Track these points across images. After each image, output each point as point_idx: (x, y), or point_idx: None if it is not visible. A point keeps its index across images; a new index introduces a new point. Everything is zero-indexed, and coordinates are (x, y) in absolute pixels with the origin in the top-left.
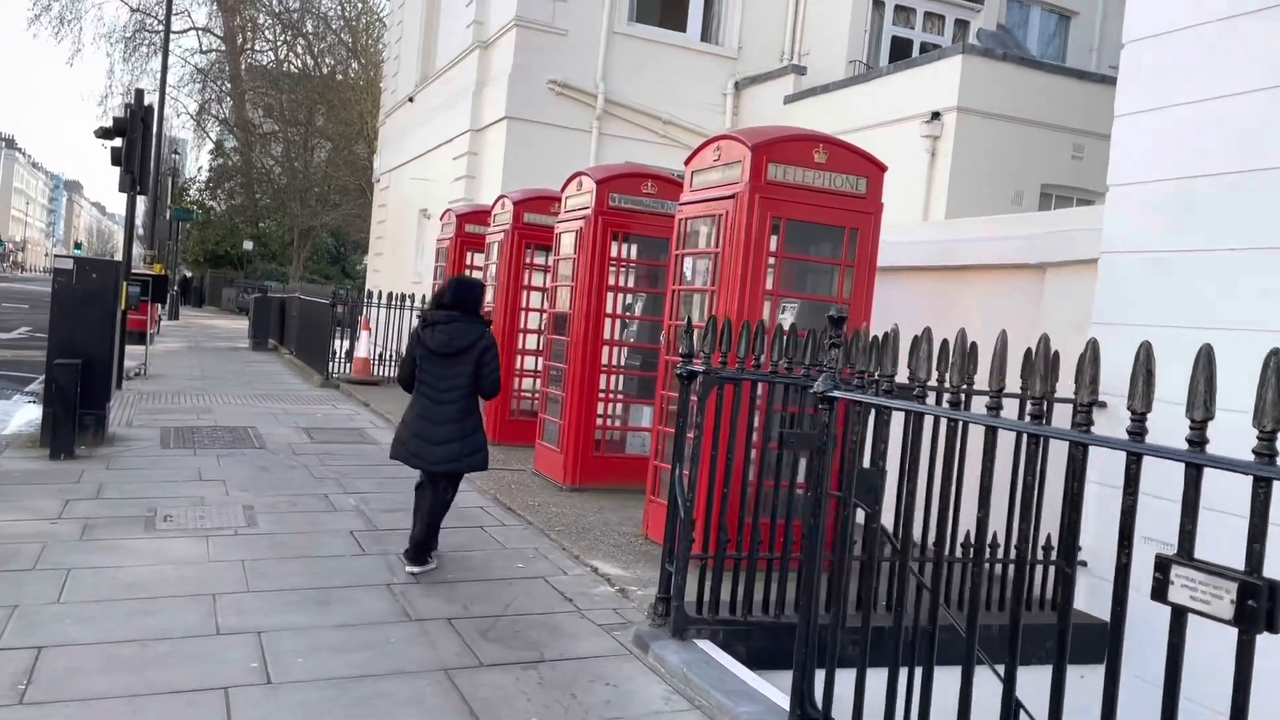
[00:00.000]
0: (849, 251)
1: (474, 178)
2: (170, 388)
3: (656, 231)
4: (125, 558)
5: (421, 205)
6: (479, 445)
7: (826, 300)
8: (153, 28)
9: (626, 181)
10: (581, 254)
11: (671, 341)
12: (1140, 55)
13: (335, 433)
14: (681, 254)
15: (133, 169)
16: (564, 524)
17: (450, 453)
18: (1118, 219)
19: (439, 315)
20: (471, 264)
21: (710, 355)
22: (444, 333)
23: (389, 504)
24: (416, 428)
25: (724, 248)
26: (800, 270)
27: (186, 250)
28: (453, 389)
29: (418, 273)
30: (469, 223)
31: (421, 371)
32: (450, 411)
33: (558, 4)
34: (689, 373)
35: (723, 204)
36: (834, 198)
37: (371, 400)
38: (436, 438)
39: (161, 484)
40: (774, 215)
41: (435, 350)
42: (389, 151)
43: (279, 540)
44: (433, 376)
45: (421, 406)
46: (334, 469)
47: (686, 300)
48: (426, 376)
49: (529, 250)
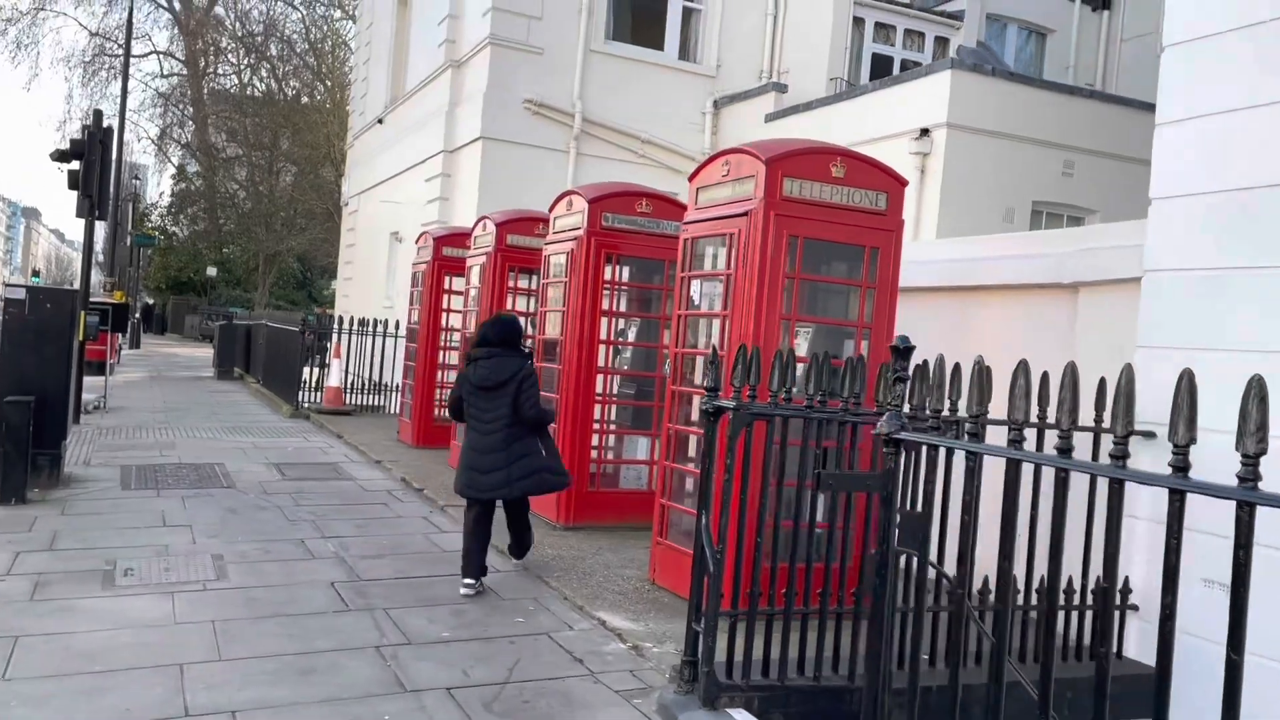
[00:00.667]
0: (869, 272)
1: (448, 200)
2: (131, 421)
3: (651, 253)
4: (81, 621)
5: (393, 228)
6: (529, 469)
7: (846, 324)
8: (112, 52)
9: (620, 200)
10: (573, 277)
11: (679, 370)
12: (1183, 59)
13: (308, 468)
14: (688, 276)
15: (91, 193)
16: (562, 568)
17: (497, 480)
18: (1162, 235)
19: (480, 352)
20: (450, 288)
21: (740, 389)
22: (485, 368)
23: (370, 549)
24: (468, 459)
25: (737, 269)
26: (811, 292)
27: (148, 277)
28: (495, 420)
29: (389, 297)
30: (447, 245)
31: (469, 406)
32: (495, 441)
33: (533, 22)
34: (716, 409)
35: (734, 222)
36: (853, 214)
37: (345, 432)
38: (484, 466)
39: (122, 531)
40: (790, 233)
41: (478, 385)
42: (358, 174)
43: (252, 595)
44: (478, 410)
45: (471, 439)
46: (309, 509)
47: (693, 326)
48: (473, 410)
49: (512, 273)
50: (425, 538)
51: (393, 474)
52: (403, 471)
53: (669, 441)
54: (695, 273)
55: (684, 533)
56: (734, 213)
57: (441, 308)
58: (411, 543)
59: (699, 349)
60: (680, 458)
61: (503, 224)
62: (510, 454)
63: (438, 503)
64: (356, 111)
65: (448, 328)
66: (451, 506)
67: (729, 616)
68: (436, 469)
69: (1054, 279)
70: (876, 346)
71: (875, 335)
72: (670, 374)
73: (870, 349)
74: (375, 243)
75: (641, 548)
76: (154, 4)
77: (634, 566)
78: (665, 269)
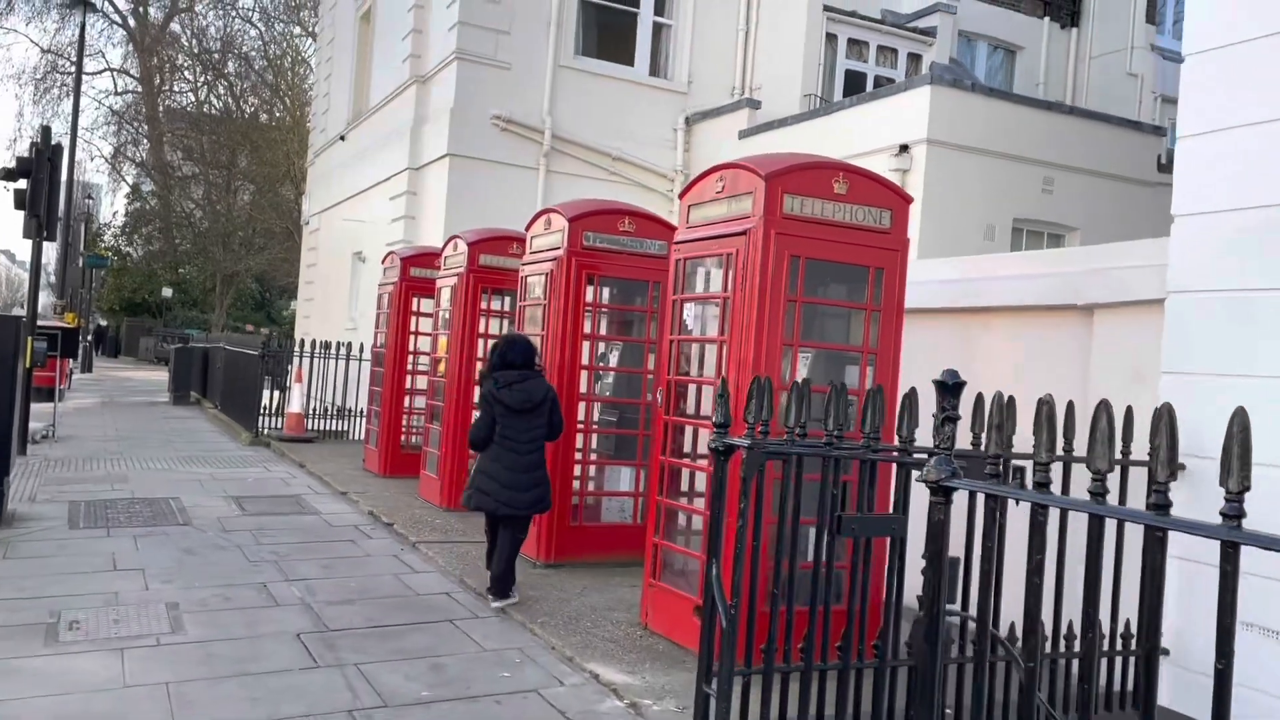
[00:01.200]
0: (874, 294)
1: (413, 218)
2: (82, 452)
3: (635, 274)
4: (20, 685)
5: (356, 248)
6: (548, 488)
7: (849, 350)
8: (64, 69)
9: (602, 219)
10: (553, 299)
11: (672, 399)
12: (1207, 68)
13: (270, 501)
14: (681, 299)
15: (39, 213)
16: (546, 612)
17: (534, 498)
18: (1186, 254)
19: (512, 375)
20: (418, 310)
21: (754, 425)
22: (521, 391)
23: (339, 593)
24: (506, 479)
25: (735, 291)
26: (808, 315)
27: (101, 298)
28: (532, 440)
29: (353, 319)
30: (414, 266)
31: (502, 427)
32: (532, 460)
33: (500, 36)
34: (728, 446)
35: (732, 242)
36: (856, 233)
37: (307, 460)
38: (523, 485)
39: (68, 577)
40: (792, 253)
41: (514, 407)
42: (319, 192)
43: (211, 651)
44: (514, 430)
45: (508, 459)
46: (271, 548)
47: (686, 351)
48: (508, 431)
49: (485, 295)
50: (397, 579)
51: (360, 507)
52: (370, 504)
53: (661, 475)
54: (689, 295)
55: (679, 573)
56: (731, 231)
57: (409, 330)
58: (382, 585)
59: (691, 376)
60: (673, 493)
61: (475, 243)
62: (542, 472)
63: (409, 539)
64: (317, 128)
65: (416, 351)
66: (424, 543)
67: (742, 674)
68: (405, 501)
69: (1066, 300)
70: (882, 373)
71: (881, 361)
72: (662, 403)
73: (875, 375)
74: (337, 263)
75: (628, 587)
76: (108, 20)
77: (623, 609)
78: (649, 290)
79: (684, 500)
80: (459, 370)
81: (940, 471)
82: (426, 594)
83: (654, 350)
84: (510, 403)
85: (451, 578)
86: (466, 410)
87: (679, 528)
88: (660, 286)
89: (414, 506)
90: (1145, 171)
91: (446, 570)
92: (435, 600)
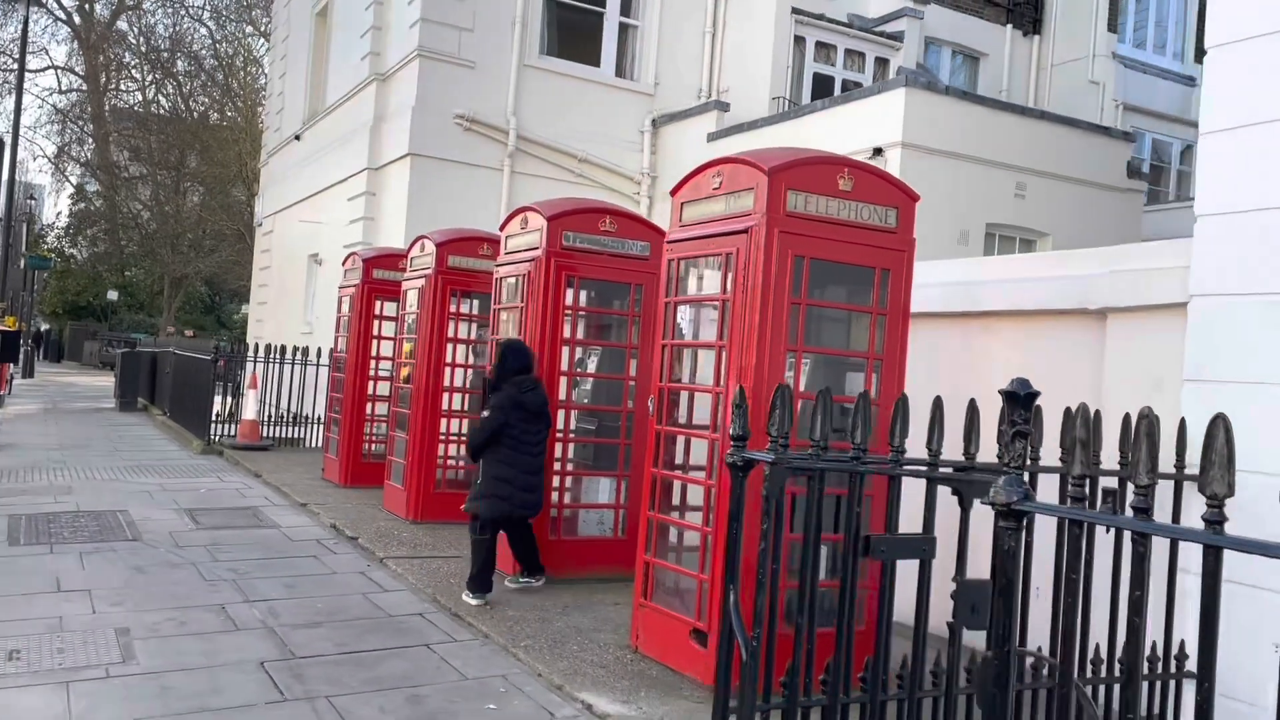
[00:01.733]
0: (880, 296)
1: (373, 219)
2: (23, 461)
3: (615, 275)
4: None
5: (312, 250)
6: None
7: (854, 355)
8: (7, 67)
9: (581, 218)
10: (530, 302)
11: (664, 408)
12: (1232, 60)
13: (225, 514)
14: (674, 301)
15: None
16: (529, 634)
17: (539, 499)
18: (1210, 255)
19: (529, 380)
20: (381, 313)
21: (777, 438)
22: (540, 394)
23: (305, 615)
24: (522, 482)
25: (735, 293)
26: (809, 319)
27: (44, 301)
28: (541, 442)
29: (308, 323)
30: (377, 268)
31: (516, 433)
32: (542, 461)
33: (464, 34)
34: (747, 461)
35: (732, 241)
36: (861, 232)
37: (263, 470)
38: (534, 486)
39: (6, 600)
40: (796, 253)
41: (535, 411)
42: (273, 193)
43: (166, 684)
44: (528, 435)
45: (524, 463)
46: (228, 565)
47: (679, 357)
48: (525, 436)
49: (454, 297)
50: (365, 599)
51: (321, 519)
52: (332, 516)
53: (653, 488)
54: (683, 297)
55: (672, 593)
56: (730, 230)
57: (372, 335)
58: (351, 605)
59: (684, 384)
60: (665, 507)
61: (444, 244)
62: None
63: (375, 554)
64: (271, 128)
65: (378, 356)
66: (392, 559)
67: (761, 709)
68: (369, 513)
69: (1077, 304)
70: (887, 379)
71: (887, 367)
72: (654, 412)
73: (881, 382)
74: (292, 265)
75: (612, 605)
76: (52, 17)
77: (609, 629)
78: (630, 293)
79: (675, 515)
80: (426, 376)
81: (1011, 493)
82: (399, 615)
83: (635, 356)
84: (534, 407)
85: (424, 596)
86: (434, 417)
87: (670, 544)
88: (643, 289)
89: (378, 519)
90: (1115, 177)
91: (418, 588)
92: (409, 622)
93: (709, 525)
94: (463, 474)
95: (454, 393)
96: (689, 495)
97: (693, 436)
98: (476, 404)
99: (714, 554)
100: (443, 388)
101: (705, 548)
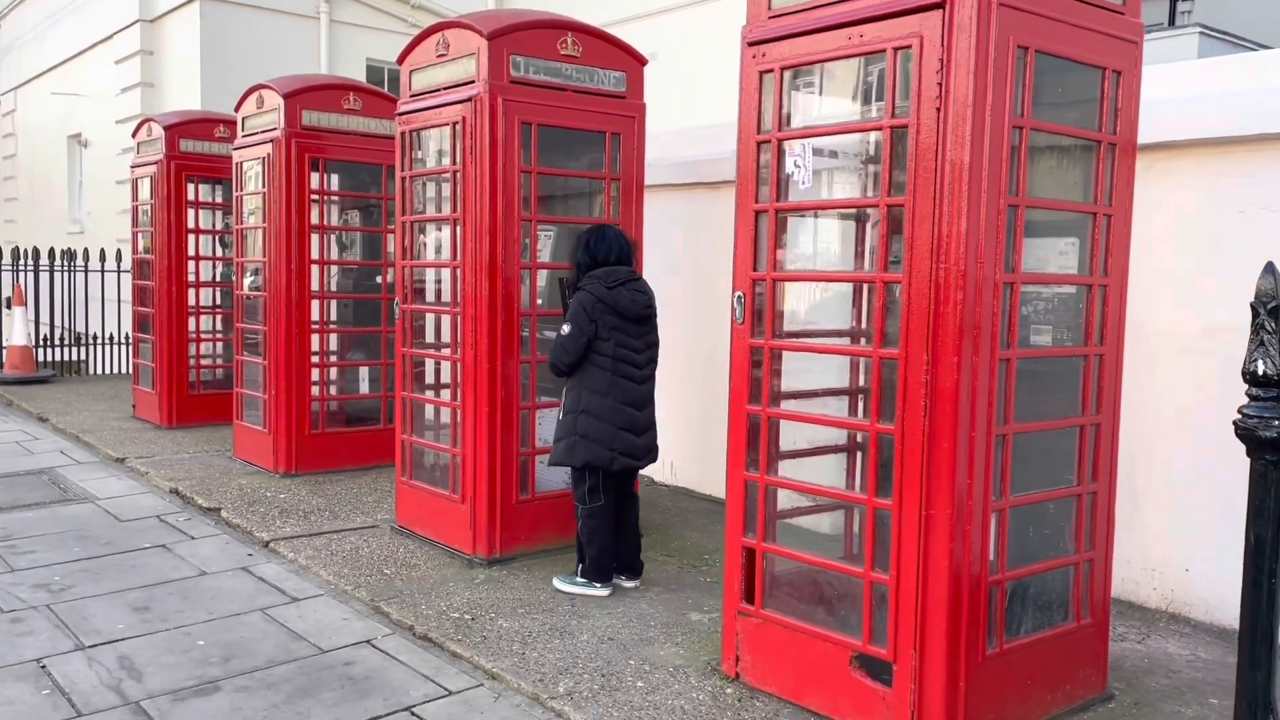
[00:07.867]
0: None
1: (153, 86)
2: None
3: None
4: None
5: (71, 130)
6: None
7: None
8: None
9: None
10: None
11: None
12: None
13: (8, 484)
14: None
15: None
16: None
17: (652, 439)
18: None
19: (623, 272)
20: (197, 199)
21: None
22: (639, 291)
23: (185, 667)
24: (624, 418)
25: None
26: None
27: None
28: (649, 362)
29: (77, 220)
30: (186, 137)
31: (612, 345)
32: (650, 390)
33: None
34: None
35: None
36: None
37: (49, 411)
38: (643, 424)
39: None
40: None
41: (631, 316)
42: (11, 62)
43: None
44: (630, 350)
45: (624, 391)
46: (35, 576)
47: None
48: (621, 353)
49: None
50: (270, 619)
51: (153, 481)
52: (169, 476)
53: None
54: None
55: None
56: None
57: (187, 228)
58: (252, 637)
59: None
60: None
61: (292, 95)
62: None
63: (254, 535)
64: None
65: (198, 256)
66: (281, 540)
67: None
68: (220, 466)
69: None
70: None
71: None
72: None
73: None
74: (47, 150)
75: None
76: None
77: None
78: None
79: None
80: (285, 277)
81: None
82: (334, 647)
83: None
84: (627, 309)
85: (358, 603)
86: (303, 334)
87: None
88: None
89: (236, 475)
90: None
91: (342, 590)
92: (357, 660)
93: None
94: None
95: (325, 299)
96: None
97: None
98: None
99: (463, 430)
100: (309, 294)
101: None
